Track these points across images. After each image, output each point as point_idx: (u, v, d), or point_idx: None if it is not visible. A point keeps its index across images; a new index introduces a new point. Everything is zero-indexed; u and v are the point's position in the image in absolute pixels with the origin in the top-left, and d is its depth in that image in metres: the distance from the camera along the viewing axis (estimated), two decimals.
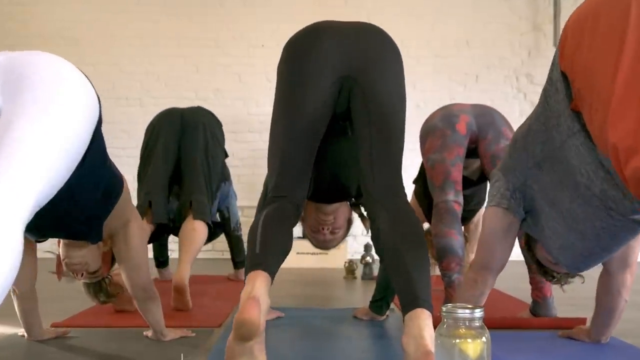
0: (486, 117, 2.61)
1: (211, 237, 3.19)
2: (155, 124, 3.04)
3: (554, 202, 1.58)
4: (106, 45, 5.36)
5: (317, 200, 2.22)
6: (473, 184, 2.87)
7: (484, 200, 3.08)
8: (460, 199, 2.49)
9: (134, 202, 2.32)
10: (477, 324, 1.29)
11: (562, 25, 5.18)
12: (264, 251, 1.57)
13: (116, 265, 1.99)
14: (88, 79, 1.41)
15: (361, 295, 3.20)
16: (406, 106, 1.82)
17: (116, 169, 1.78)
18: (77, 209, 1.63)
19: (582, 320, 2.20)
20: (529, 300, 2.51)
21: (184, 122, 3.00)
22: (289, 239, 1.70)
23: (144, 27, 5.35)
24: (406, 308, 1.52)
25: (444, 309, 1.27)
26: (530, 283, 2.41)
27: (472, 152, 2.60)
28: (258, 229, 1.62)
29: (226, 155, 3.20)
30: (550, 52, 5.27)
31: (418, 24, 5.35)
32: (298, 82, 1.75)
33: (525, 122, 1.69)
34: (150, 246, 3.34)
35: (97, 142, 1.49)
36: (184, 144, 2.95)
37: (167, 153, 2.94)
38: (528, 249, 1.88)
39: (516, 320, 2.33)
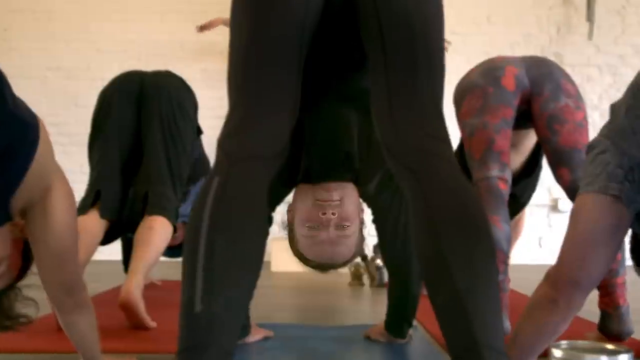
0: (541, 68, 2.05)
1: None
2: (108, 90, 2.42)
3: None
4: (81, 20, 4.87)
5: (308, 180, 1.57)
6: (524, 175, 2.32)
7: (534, 192, 2.51)
8: (508, 175, 1.94)
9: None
10: None
11: None
12: (209, 310, 0.96)
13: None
14: None
15: (371, 307, 2.75)
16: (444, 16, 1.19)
17: (29, 111, 1.20)
18: None
19: None
20: (589, 315, 1.96)
21: (144, 89, 2.37)
22: (258, 240, 1.07)
23: (124, 0, 4.88)
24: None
25: (556, 354, 0.70)
26: (598, 287, 1.85)
27: (524, 116, 2.03)
28: (200, 246, 1.00)
29: (199, 133, 2.58)
30: (583, 28, 4.78)
31: None
32: None
33: None
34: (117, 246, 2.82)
35: None
36: (143, 116, 2.34)
37: (122, 128, 2.31)
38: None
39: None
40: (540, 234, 4.72)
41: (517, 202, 2.47)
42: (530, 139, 2.23)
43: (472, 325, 0.93)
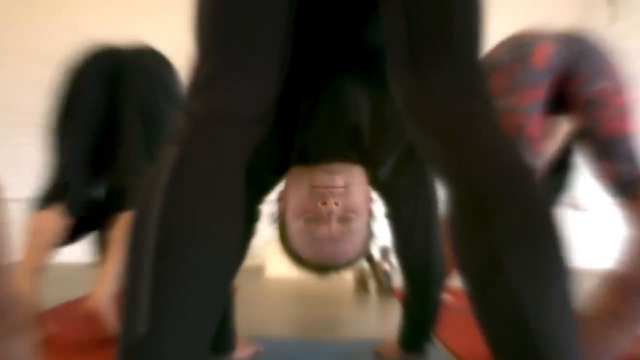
0: (577, 45, 1.84)
1: None
2: (79, 68, 2.08)
3: None
4: (63, 4, 4.67)
5: (305, 160, 1.24)
6: (553, 170, 2.09)
7: (564, 192, 2.25)
8: (539, 165, 1.78)
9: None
10: None
11: None
12: (157, 334, 0.67)
13: None
14: None
15: (378, 318, 2.47)
16: None
17: None
18: None
19: None
20: None
21: (122, 67, 2.05)
22: (230, 229, 0.77)
23: None
24: None
25: None
26: None
27: (557, 100, 1.81)
28: (148, 241, 0.72)
29: None
30: (604, 12, 4.52)
31: None
32: None
33: None
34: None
35: None
36: (120, 98, 2.03)
37: (93, 112, 2.00)
38: None
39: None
40: None
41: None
42: (562, 128, 2.00)
43: (539, 347, 0.69)
